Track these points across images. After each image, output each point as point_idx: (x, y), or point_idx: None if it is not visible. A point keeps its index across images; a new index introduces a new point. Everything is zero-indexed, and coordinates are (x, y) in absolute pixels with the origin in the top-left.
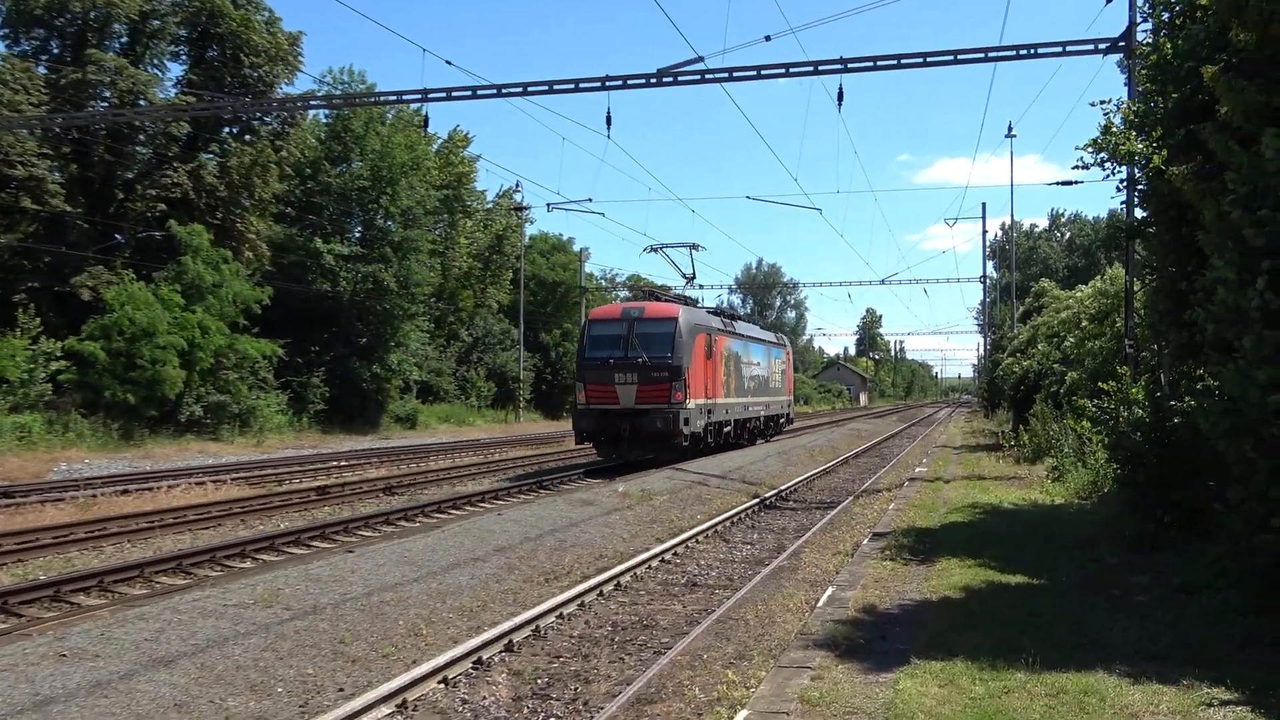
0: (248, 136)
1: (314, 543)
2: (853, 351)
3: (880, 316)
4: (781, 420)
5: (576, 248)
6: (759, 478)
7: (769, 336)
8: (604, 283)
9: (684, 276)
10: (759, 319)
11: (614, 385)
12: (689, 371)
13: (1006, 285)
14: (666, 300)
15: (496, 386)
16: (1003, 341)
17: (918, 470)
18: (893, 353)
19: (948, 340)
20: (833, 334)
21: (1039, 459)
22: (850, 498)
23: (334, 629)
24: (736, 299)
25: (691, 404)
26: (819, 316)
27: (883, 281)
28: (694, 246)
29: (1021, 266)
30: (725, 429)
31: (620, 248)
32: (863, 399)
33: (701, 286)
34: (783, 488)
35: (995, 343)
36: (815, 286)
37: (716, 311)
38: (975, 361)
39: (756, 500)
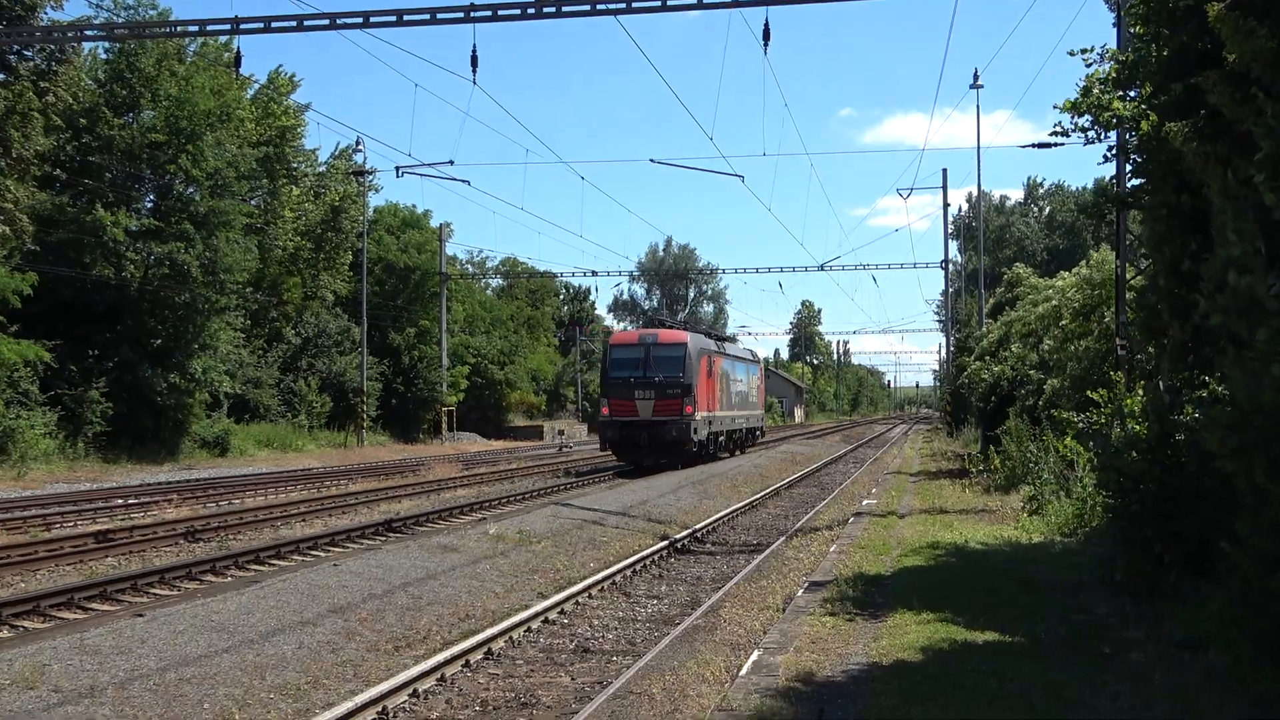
0: (1, 76)
1: (92, 604)
2: (785, 355)
3: (819, 311)
4: (757, 433)
5: (435, 223)
6: (667, 514)
7: (747, 354)
8: (471, 268)
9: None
10: (668, 313)
11: (634, 400)
12: (697, 389)
13: (973, 272)
14: (675, 327)
15: (333, 401)
16: (969, 342)
17: (866, 503)
18: (835, 356)
19: (902, 340)
20: (760, 333)
21: (1013, 487)
22: (782, 538)
23: (117, 717)
24: (640, 289)
25: (699, 416)
26: (743, 311)
27: (821, 267)
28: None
29: (991, 249)
30: (720, 438)
31: (492, 224)
32: (798, 414)
33: (594, 274)
34: (698, 526)
35: (960, 344)
36: (738, 273)
37: (709, 334)
38: (936, 367)
39: (665, 543)
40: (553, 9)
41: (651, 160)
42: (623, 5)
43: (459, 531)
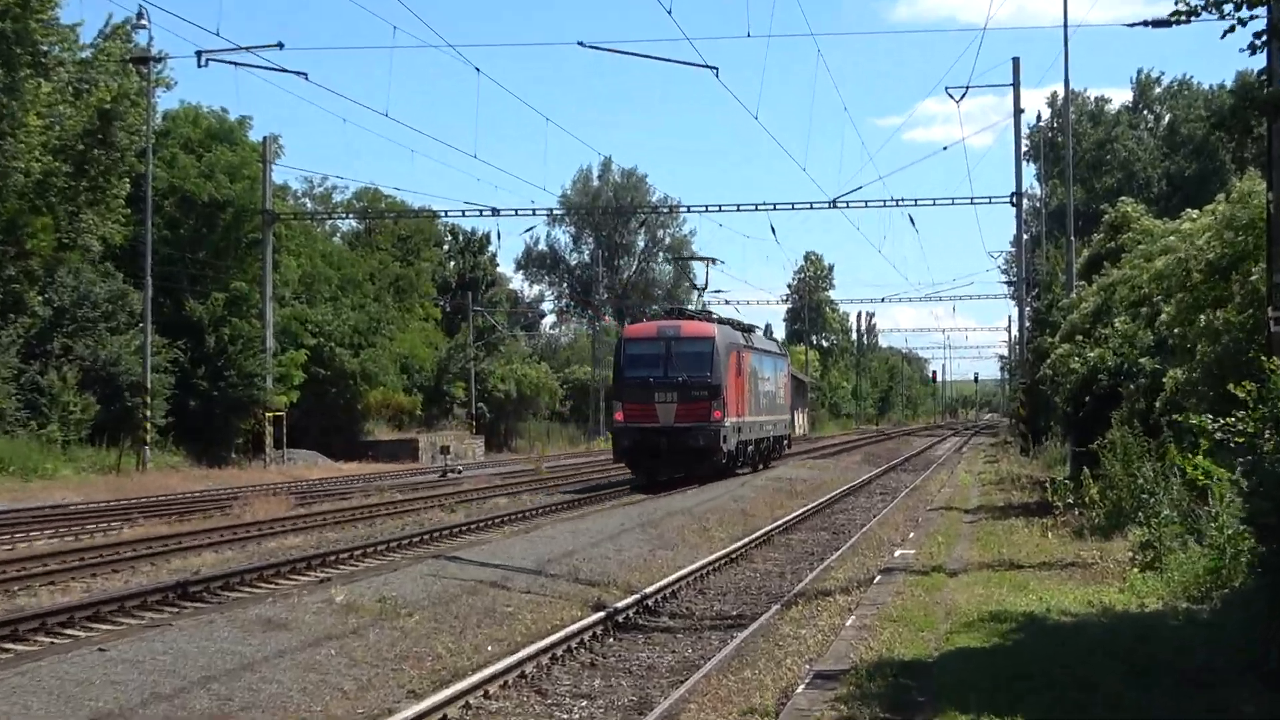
0: None
1: None
2: (780, 333)
3: (830, 269)
4: (784, 442)
5: (256, 136)
6: (604, 570)
7: (773, 347)
8: (311, 203)
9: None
10: (611, 275)
11: (653, 404)
12: (726, 390)
13: (1058, 211)
14: (699, 318)
15: (101, 404)
16: (1052, 314)
17: (899, 554)
18: (854, 335)
19: (954, 313)
20: (744, 300)
21: (1118, 529)
22: (775, 607)
23: None
24: (564, 236)
25: (728, 422)
26: (721, 269)
27: (834, 203)
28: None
29: (1085, 176)
30: (749, 448)
31: (342, 138)
32: (798, 421)
33: (496, 213)
34: (650, 590)
35: (1039, 317)
36: (710, 212)
37: (735, 324)
38: (1004, 352)
39: (601, 614)
40: None
41: (580, 44)
42: None
43: (290, 599)
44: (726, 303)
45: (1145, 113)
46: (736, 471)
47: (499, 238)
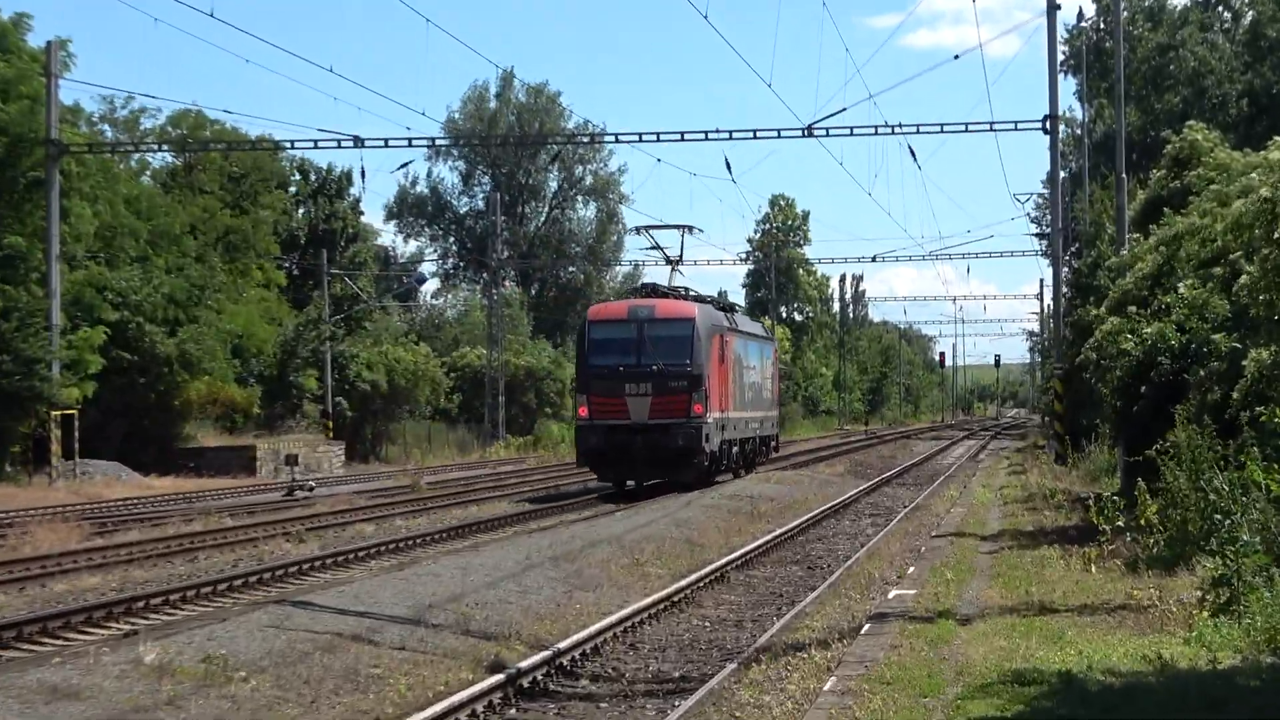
0: None
1: None
2: (741, 297)
3: (804, 217)
4: (771, 442)
5: (37, 41)
6: (503, 618)
7: (759, 330)
8: (112, 129)
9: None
10: (514, 225)
11: (623, 397)
12: (709, 380)
13: (1104, 140)
14: (676, 296)
15: None
16: (1096, 278)
17: (895, 594)
18: (836, 304)
19: (969, 276)
20: (693, 261)
21: (1183, 560)
22: (732, 664)
23: None
24: (449, 173)
25: (711, 418)
26: (660, 211)
27: (808, 131)
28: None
29: (1140, 94)
30: (733, 449)
31: (151, 43)
32: None
33: (360, 144)
34: (564, 644)
35: (1079, 280)
36: (647, 142)
37: (717, 303)
38: (1033, 327)
39: (500, 677)
40: None
41: None
42: None
43: (84, 659)
44: (670, 263)
45: (1220, 10)
46: (716, 479)
47: (363, 177)
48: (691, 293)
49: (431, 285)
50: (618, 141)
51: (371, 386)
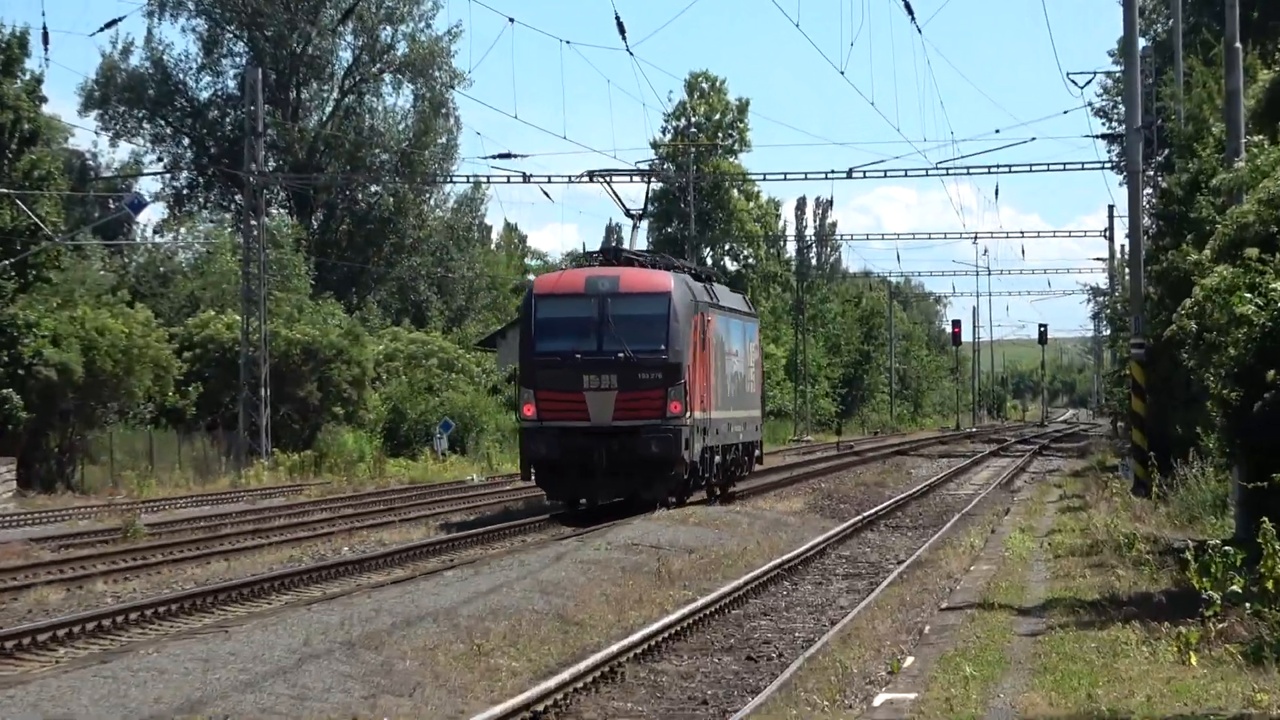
0: None
1: None
2: (640, 238)
3: (741, 106)
4: (754, 450)
5: None
6: None
7: (740, 303)
8: None
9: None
10: (286, 121)
11: (581, 393)
12: (689, 372)
13: None
14: (644, 262)
15: None
16: (1194, 205)
17: (884, 699)
18: (789, 245)
19: (997, 201)
20: (539, 178)
21: None
22: None
23: None
24: (183, 37)
25: (690, 419)
26: (516, 107)
27: None
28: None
29: None
30: (714, 459)
31: None
32: None
33: None
34: None
35: (1170, 209)
36: None
37: (694, 271)
38: (1101, 282)
39: None
40: None
41: None
42: None
43: None
44: (632, 218)
45: None
46: (686, 500)
47: (46, 43)
48: (661, 259)
49: (154, 213)
50: None
51: (59, 372)
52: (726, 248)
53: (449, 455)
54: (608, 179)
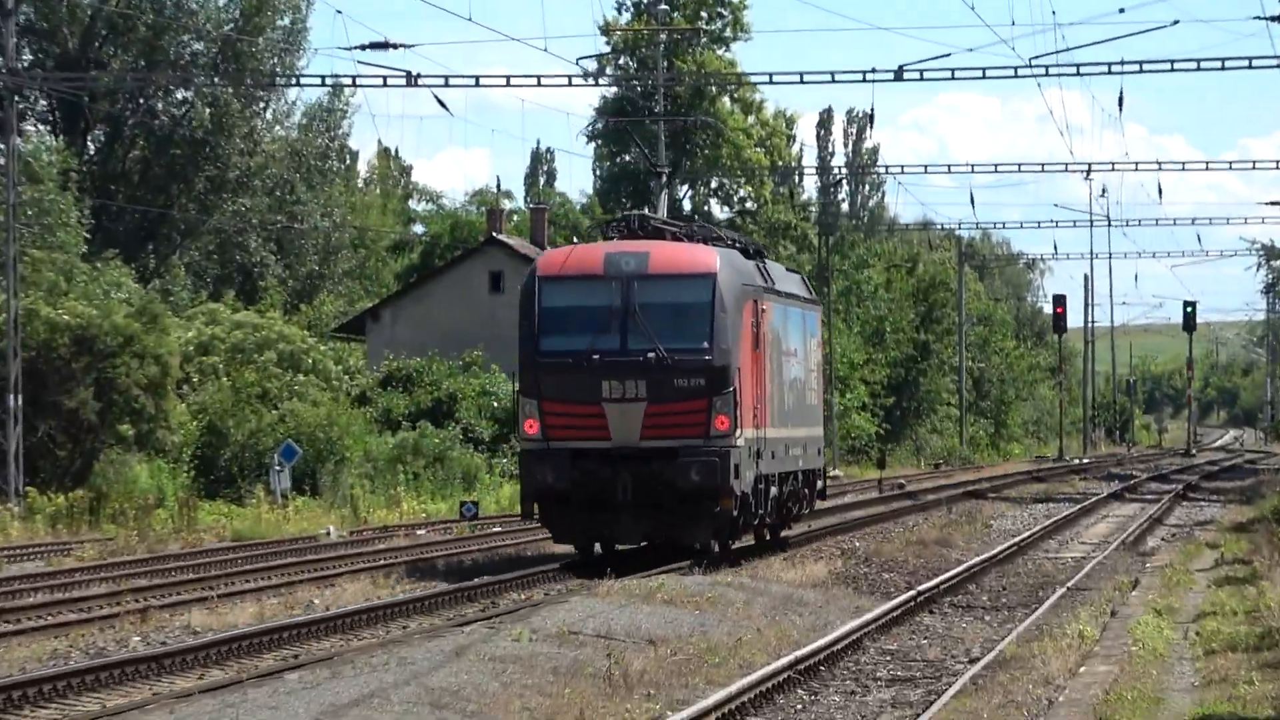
0: None
1: None
2: (584, 178)
3: None
4: (816, 481)
5: None
6: None
7: (797, 286)
8: None
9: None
10: None
11: (600, 404)
12: (738, 376)
13: None
14: (679, 234)
15: None
16: None
17: None
18: (809, 182)
19: (1121, 118)
20: (432, 74)
21: None
22: None
23: None
24: None
25: (742, 438)
26: None
27: None
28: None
29: None
30: (771, 491)
31: None
32: None
33: None
34: None
35: None
36: None
37: (741, 245)
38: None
39: None
40: None
41: None
42: None
43: None
44: (657, 173)
45: None
46: (728, 546)
47: None
48: (699, 228)
49: None
50: None
51: None
52: (713, 186)
53: (292, 497)
54: (625, 126)
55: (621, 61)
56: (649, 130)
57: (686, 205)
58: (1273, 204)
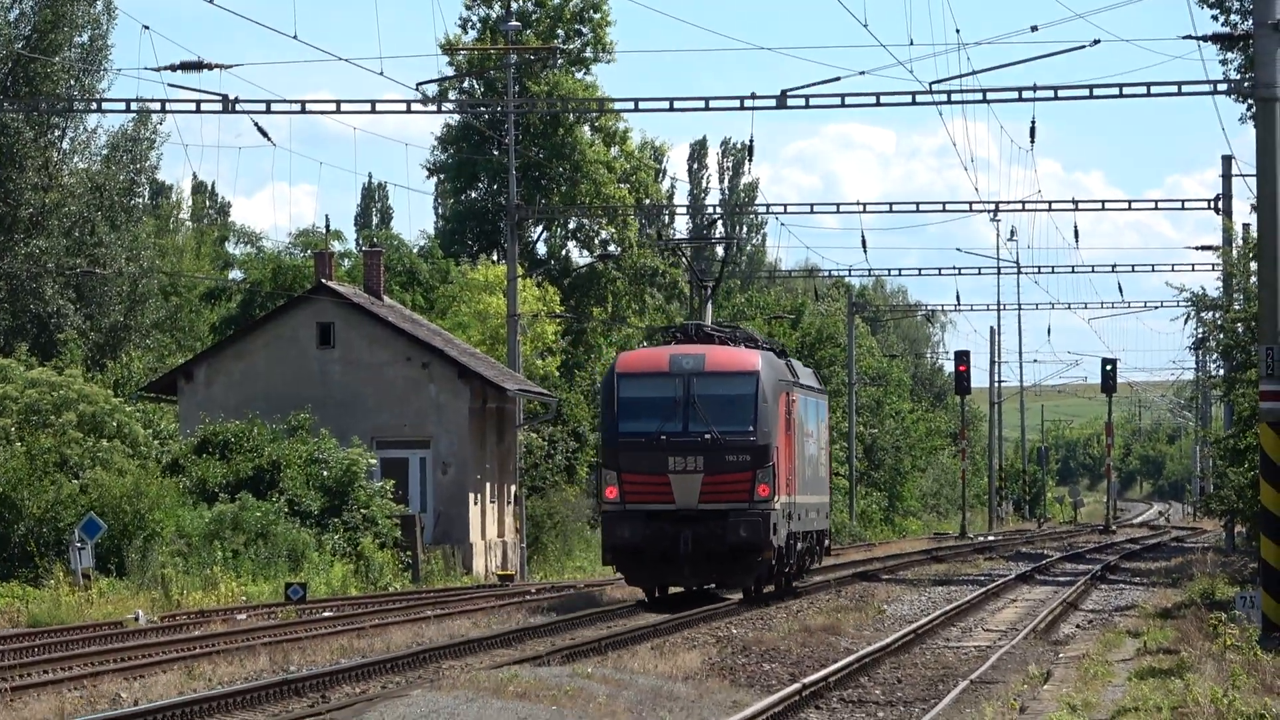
0: None
1: None
2: (423, 216)
3: None
4: (825, 541)
5: None
6: None
7: (811, 378)
8: None
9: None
10: None
11: (666, 474)
12: (777, 454)
13: None
14: (727, 339)
15: None
16: None
17: None
18: (676, 222)
19: (1033, 152)
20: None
21: None
22: None
23: None
24: None
25: (779, 502)
26: None
27: None
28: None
29: None
30: (797, 546)
31: None
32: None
33: None
34: None
35: None
36: None
37: (774, 348)
38: (1209, 287)
39: None
40: None
41: None
42: None
43: None
44: (703, 288)
45: None
46: (764, 590)
47: None
48: (741, 332)
49: None
50: None
51: None
52: (570, 227)
53: (96, 578)
54: (680, 250)
55: (467, 85)
56: (498, 163)
57: (541, 249)
58: (1204, 248)
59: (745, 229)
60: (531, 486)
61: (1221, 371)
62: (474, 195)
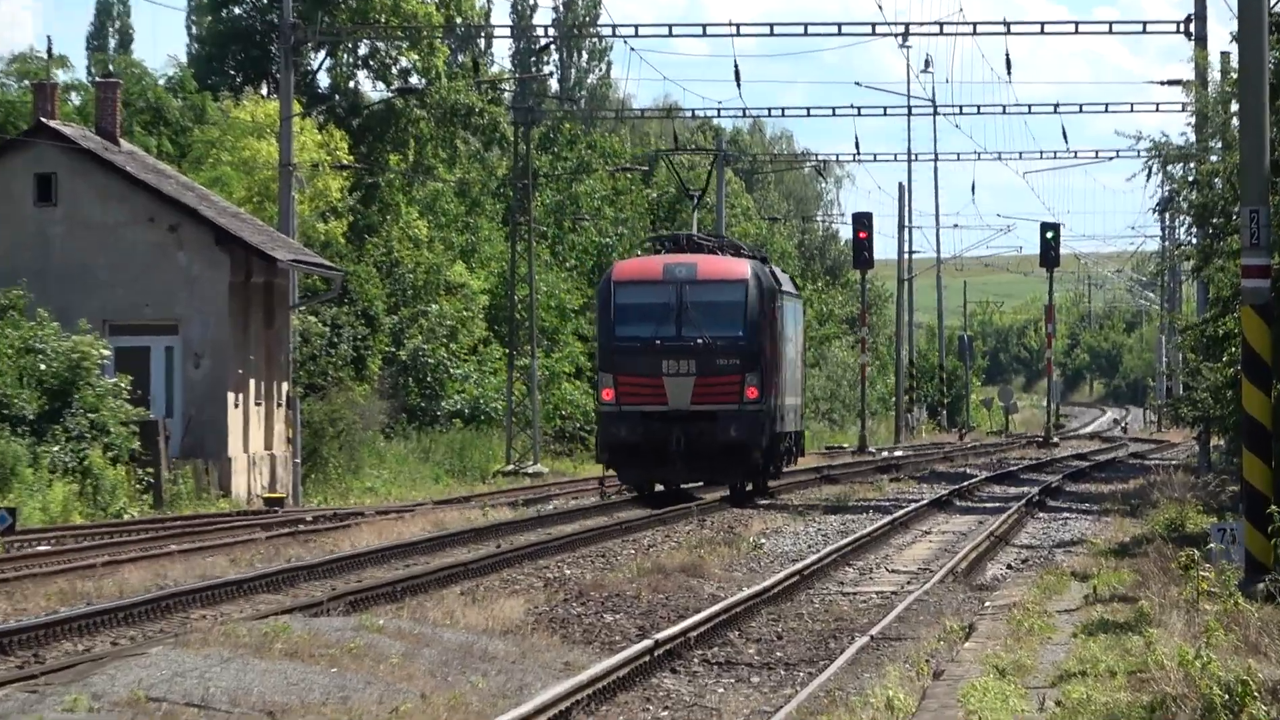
0: None
1: None
2: None
3: None
4: (800, 442)
5: None
6: None
7: (789, 284)
8: None
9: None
10: None
11: (660, 377)
12: (765, 358)
13: None
14: (718, 248)
15: None
16: None
17: None
18: (517, 69)
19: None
20: None
21: None
22: None
23: None
24: None
25: (767, 404)
26: None
27: None
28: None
29: None
30: (781, 446)
31: None
32: None
33: None
34: None
35: None
36: None
37: (759, 255)
38: (1174, 136)
39: None
40: None
41: None
42: None
43: None
44: (690, 196)
45: None
46: (747, 487)
47: None
48: (726, 242)
49: None
50: None
51: None
52: (361, 53)
53: None
54: (667, 156)
55: None
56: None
57: (324, 80)
58: (1170, 83)
59: (585, 56)
60: (309, 385)
61: (1194, 241)
62: (237, 12)
